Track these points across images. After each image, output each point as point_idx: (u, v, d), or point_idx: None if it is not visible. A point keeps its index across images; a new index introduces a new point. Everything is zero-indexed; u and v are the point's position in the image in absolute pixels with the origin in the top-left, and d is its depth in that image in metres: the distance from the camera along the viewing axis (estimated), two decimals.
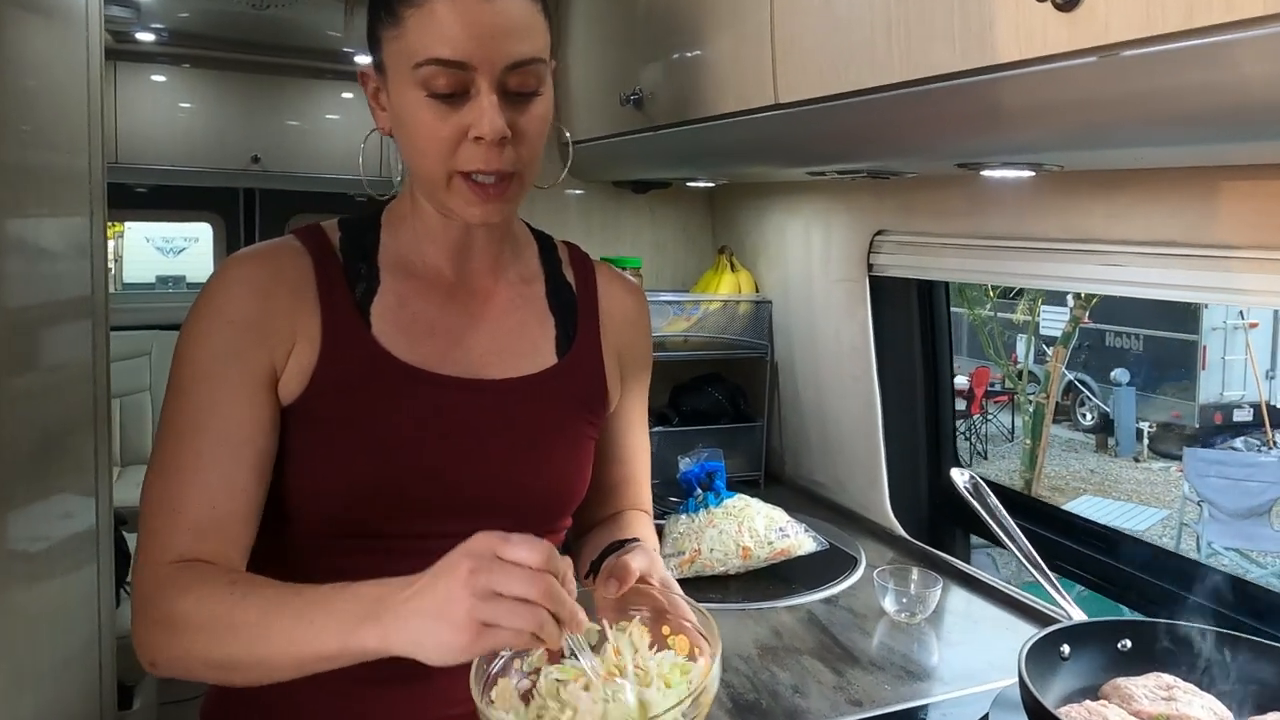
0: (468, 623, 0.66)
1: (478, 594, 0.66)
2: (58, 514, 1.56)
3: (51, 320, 1.54)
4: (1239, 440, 9.72)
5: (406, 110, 0.83)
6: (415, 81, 0.81)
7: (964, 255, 1.44)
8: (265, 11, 2.88)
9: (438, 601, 0.67)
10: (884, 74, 0.98)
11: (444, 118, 0.81)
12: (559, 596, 0.67)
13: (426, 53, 0.80)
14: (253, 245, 0.92)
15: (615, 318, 1.03)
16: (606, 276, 1.06)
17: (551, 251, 1.04)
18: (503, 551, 0.67)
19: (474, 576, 0.66)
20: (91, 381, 1.69)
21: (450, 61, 0.80)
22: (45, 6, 1.52)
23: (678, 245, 2.23)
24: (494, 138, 0.81)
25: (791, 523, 1.56)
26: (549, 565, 0.68)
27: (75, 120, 1.62)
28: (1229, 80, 0.67)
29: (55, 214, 1.56)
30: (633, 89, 1.56)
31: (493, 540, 0.68)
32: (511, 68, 0.81)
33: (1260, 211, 1.01)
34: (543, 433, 0.94)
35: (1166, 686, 0.97)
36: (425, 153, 0.84)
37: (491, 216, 0.86)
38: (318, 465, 0.86)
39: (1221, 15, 0.64)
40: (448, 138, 0.82)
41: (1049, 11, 0.76)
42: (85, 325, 1.66)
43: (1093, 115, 0.80)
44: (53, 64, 1.54)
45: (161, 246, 10.31)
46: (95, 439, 1.71)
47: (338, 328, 0.88)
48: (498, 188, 0.84)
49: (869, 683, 1.20)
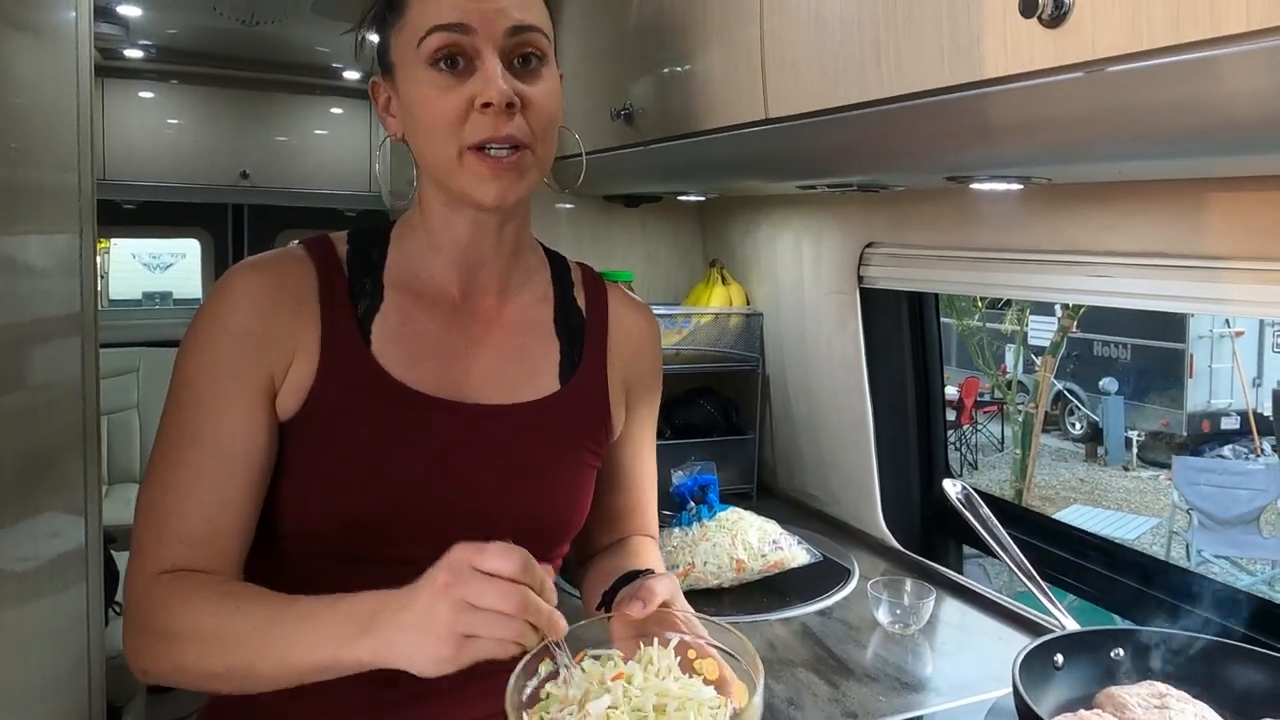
0: (449, 635, 0.67)
1: (455, 607, 0.67)
2: (46, 533, 1.55)
3: (41, 338, 1.53)
4: (1227, 448, 9.78)
5: (415, 93, 0.84)
6: (421, 59, 0.83)
7: (954, 267, 1.45)
8: (255, 28, 2.88)
9: (419, 615, 0.68)
10: (873, 89, 0.98)
11: (451, 89, 0.82)
12: (535, 606, 0.68)
13: (429, 23, 0.82)
14: (257, 255, 0.91)
15: (625, 344, 1.02)
16: (619, 301, 1.04)
17: (565, 273, 1.03)
18: (478, 563, 0.68)
19: (450, 590, 0.67)
20: (81, 399, 1.68)
21: (451, 25, 0.81)
22: (36, 25, 1.52)
23: (669, 259, 2.24)
24: (501, 101, 0.81)
25: (785, 535, 1.56)
26: (524, 575, 0.68)
27: (65, 137, 1.62)
28: (1214, 95, 0.68)
29: (44, 231, 1.55)
30: (623, 104, 1.57)
31: (469, 552, 0.69)
32: (512, 33, 0.83)
33: (1247, 223, 1.02)
34: (540, 461, 0.93)
35: (1159, 695, 0.97)
36: (435, 130, 0.84)
37: (506, 194, 0.85)
38: (310, 485, 0.85)
39: (1206, 31, 0.65)
40: (455, 110, 0.82)
41: (1035, 27, 0.77)
42: (75, 342, 1.66)
43: (1079, 130, 0.81)
44: (43, 82, 1.54)
45: (148, 262, 10.27)
46: (85, 457, 1.70)
47: (336, 344, 0.87)
48: (510, 160, 0.83)
49: (864, 694, 1.20)
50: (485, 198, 0.85)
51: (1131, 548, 1.53)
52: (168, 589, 0.78)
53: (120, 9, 2.77)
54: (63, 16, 1.63)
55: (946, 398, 7.46)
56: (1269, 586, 6.11)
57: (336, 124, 3.86)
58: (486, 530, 0.88)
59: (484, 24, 0.82)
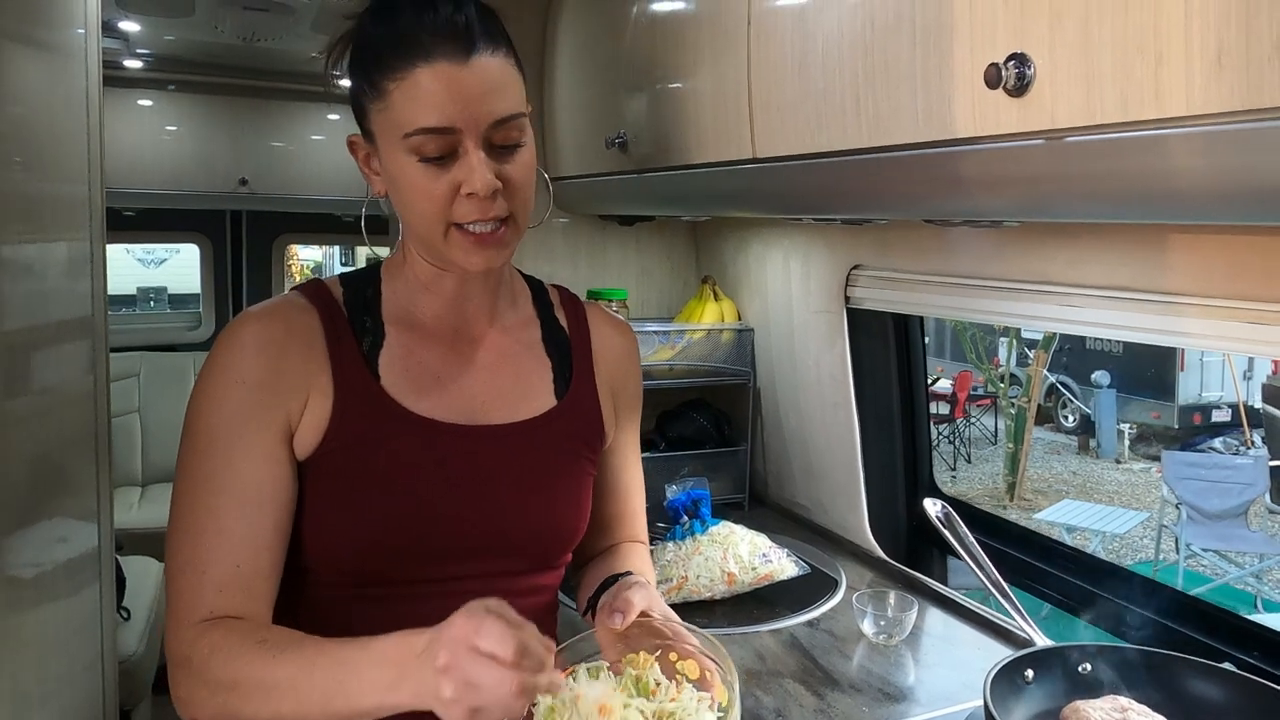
0: (456, 707, 0.71)
1: (458, 686, 0.71)
2: (59, 537, 1.59)
3: (54, 341, 1.58)
4: (1218, 440, 9.88)
5: (400, 175, 0.88)
6: (406, 149, 0.86)
7: (935, 292, 1.51)
8: (254, 44, 2.92)
9: (427, 687, 0.72)
10: (853, 139, 1.05)
11: (436, 178, 0.86)
12: (532, 687, 0.72)
13: (414, 123, 0.84)
14: (259, 304, 0.96)
15: (608, 356, 1.08)
16: (597, 317, 1.11)
17: (543, 295, 1.09)
18: (475, 643, 0.71)
19: (450, 671, 0.71)
20: (92, 401, 1.72)
21: (437, 129, 0.84)
22: (47, 42, 1.58)
23: (662, 275, 2.30)
24: (486, 192, 0.85)
25: (774, 548, 1.62)
26: (522, 660, 0.71)
27: (75, 149, 1.68)
28: (1158, 168, 0.74)
29: (56, 238, 1.60)
30: (617, 132, 1.62)
31: (468, 630, 0.72)
32: (495, 125, 0.86)
33: (1204, 263, 1.08)
34: (546, 474, 0.99)
35: (1122, 709, 1.03)
36: (422, 213, 0.88)
37: (492, 262, 0.90)
38: (333, 518, 0.90)
39: (1152, 112, 0.72)
40: (441, 195, 0.86)
41: (1001, 97, 0.83)
42: (86, 345, 1.70)
43: (1040, 189, 0.87)
44: (53, 96, 1.59)
45: (143, 258, 10.26)
46: (97, 461, 1.74)
47: (349, 382, 0.92)
48: (494, 235, 0.89)
49: (848, 705, 1.26)
50: (472, 267, 0.91)
51: (1106, 560, 1.60)
52: (208, 639, 0.81)
53: (122, 24, 2.81)
54: (72, 34, 1.68)
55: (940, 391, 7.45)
56: (1257, 579, 6.20)
57: (333, 129, 3.89)
58: (502, 546, 0.94)
59: (469, 122, 0.85)
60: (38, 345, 1.50)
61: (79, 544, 1.69)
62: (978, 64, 0.85)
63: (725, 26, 1.28)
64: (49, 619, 1.54)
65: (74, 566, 1.66)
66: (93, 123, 1.73)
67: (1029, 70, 0.80)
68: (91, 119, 1.72)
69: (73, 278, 1.66)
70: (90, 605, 1.75)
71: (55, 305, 1.59)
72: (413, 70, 0.84)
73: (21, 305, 1.42)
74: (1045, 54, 0.79)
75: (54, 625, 1.57)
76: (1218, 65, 0.66)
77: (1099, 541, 6.54)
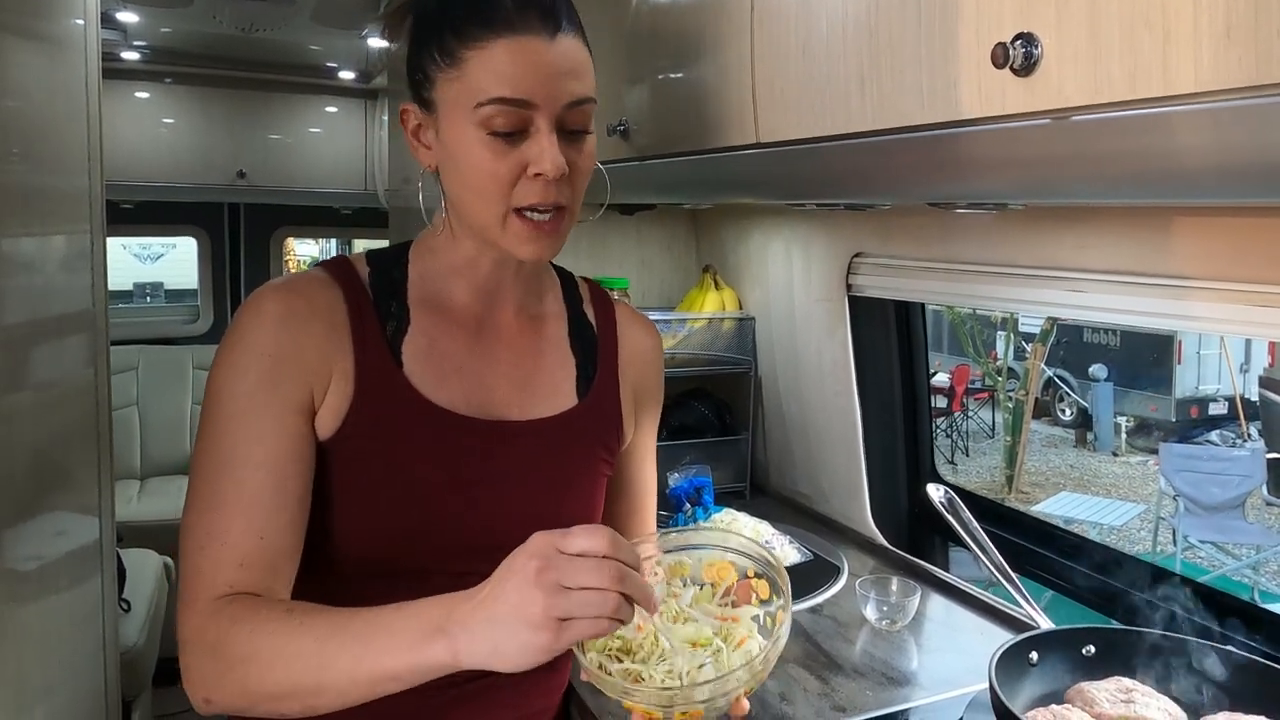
0: (545, 620, 0.66)
1: (550, 591, 0.66)
2: (60, 530, 1.59)
3: (55, 334, 1.58)
4: (1215, 433, 9.90)
5: (462, 148, 0.85)
6: (475, 120, 0.83)
7: (938, 279, 1.51)
8: (253, 35, 2.92)
9: (511, 606, 0.67)
10: (857, 122, 1.04)
11: (503, 155, 0.83)
12: (630, 579, 0.68)
13: (489, 92, 0.82)
14: (281, 278, 0.93)
15: (633, 357, 1.06)
16: (626, 316, 1.09)
17: (573, 289, 1.07)
18: (564, 545, 0.68)
19: (543, 575, 0.67)
20: (93, 395, 1.72)
21: (514, 100, 0.82)
22: (46, 35, 1.57)
23: (663, 264, 2.30)
24: (556, 174, 0.83)
25: (776, 535, 1.62)
26: (614, 551, 0.68)
27: (75, 142, 1.67)
28: (1165, 146, 0.74)
29: (57, 231, 1.60)
30: (620, 119, 1.62)
31: (553, 537, 0.69)
32: (570, 106, 0.84)
33: (1210, 246, 1.08)
34: (563, 473, 0.98)
35: (1126, 690, 1.04)
36: (483, 191, 0.85)
37: (544, 253, 0.88)
38: (350, 505, 0.88)
39: (1160, 89, 0.71)
40: (506, 175, 0.84)
41: (1008, 76, 0.83)
42: (86, 338, 1.70)
43: (1047, 170, 0.87)
44: (53, 89, 1.59)
45: (139, 253, 10.26)
46: (98, 454, 1.74)
47: (370, 366, 0.89)
48: (551, 223, 0.86)
49: (852, 689, 1.27)
50: (525, 256, 0.88)
51: (1108, 546, 1.60)
52: (228, 613, 0.77)
53: (120, 15, 2.80)
54: (71, 25, 1.68)
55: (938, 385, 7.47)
56: (1253, 570, 6.22)
57: (331, 122, 3.88)
58: (510, 542, 0.92)
59: (547, 100, 0.82)
60: (38, 339, 1.50)
61: (80, 537, 1.69)
62: (984, 44, 0.84)
63: (728, 10, 1.27)
64: (51, 611, 1.54)
65: (75, 559, 1.66)
66: (92, 114, 1.72)
67: (1036, 49, 0.80)
68: (91, 111, 1.72)
69: (73, 271, 1.66)
70: (92, 597, 1.75)
71: (56, 299, 1.59)
72: (496, 40, 0.82)
73: (22, 299, 1.42)
74: (1052, 32, 0.79)
75: (56, 617, 1.57)
76: (1226, 40, 0.66)
77: (1096, 534, 6.55)
